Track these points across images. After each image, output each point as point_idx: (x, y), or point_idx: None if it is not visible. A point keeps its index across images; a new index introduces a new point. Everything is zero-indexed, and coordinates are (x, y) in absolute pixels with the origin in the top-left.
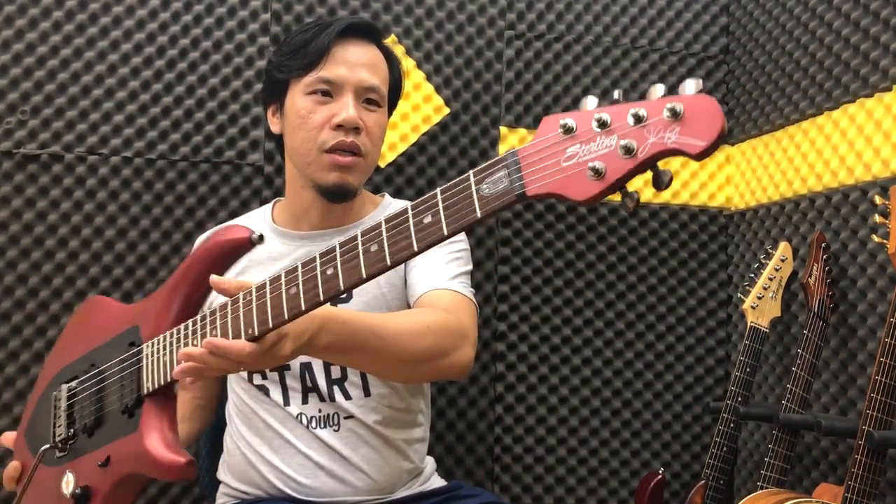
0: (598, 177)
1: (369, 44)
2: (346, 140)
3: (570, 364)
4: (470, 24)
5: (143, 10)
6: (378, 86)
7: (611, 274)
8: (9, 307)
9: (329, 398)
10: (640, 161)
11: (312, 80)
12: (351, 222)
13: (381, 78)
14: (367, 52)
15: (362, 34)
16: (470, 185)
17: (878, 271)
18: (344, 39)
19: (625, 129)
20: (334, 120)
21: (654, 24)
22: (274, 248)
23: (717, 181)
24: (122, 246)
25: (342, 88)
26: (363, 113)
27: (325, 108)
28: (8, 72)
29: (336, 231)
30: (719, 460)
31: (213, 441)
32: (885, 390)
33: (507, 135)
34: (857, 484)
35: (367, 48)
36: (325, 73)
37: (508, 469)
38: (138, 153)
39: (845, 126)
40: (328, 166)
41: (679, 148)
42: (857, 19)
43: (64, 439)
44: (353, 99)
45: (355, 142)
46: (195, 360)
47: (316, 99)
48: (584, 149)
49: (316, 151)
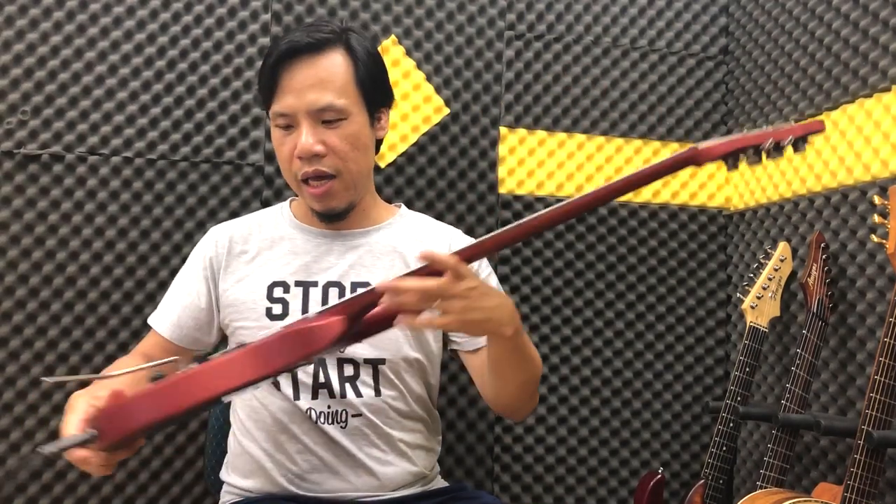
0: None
1: (316, 56)
2: (309, 171)
3: (570, 364)
4: (470, 24)
5: (144, 11)
6: (331, 102)
7: (610, 274)
8: (10, 307)
9: (340, 395)
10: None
11: (272, 114)
12: (369, 225)
13: (335, 89)
14: (313, 70)
15: (309, 49)
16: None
17: (878, 271)
18: (291, 62)
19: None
20: (295, 152)
21: (654, 25)
22: (297, 245)
23: (717, 181)
24: (123, 246)
25: (295, 117)
26: (324, 134)
27: (289, 140)
28: (9, 72)
29: (360, 232)
30: (719, 460)
31: (218, 441)
32: (884, 390)
33: (507, 135)
34: (856, 483)
35: (314, 64)
36: (276, 107)
37: (508, 469)
38: (139, 153)
39: (844, 126)
40: (309, 196)
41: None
42: (856, 20)
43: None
44: (308, 125)
45: (318, 168)
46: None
47: (281, 132)
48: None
49: (295, 182)
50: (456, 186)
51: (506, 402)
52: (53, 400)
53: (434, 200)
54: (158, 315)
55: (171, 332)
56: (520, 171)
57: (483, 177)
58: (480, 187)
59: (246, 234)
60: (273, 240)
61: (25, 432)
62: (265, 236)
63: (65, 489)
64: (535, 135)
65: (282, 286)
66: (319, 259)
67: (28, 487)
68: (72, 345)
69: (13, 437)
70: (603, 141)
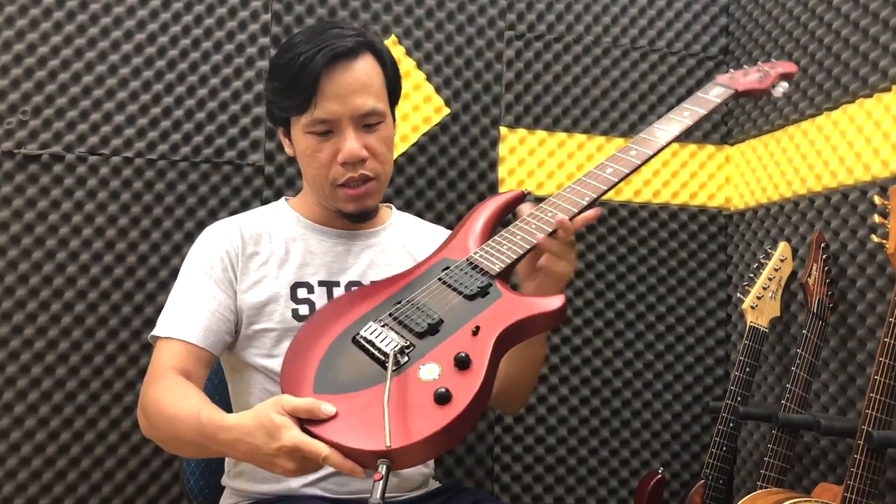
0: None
1: (355, 60)
2: (354, 176)
3: (570, 363)
4: (470, 24)
5: (144, 11)
6: (374, 106)
7: (610, 274)
8: (10, 307)
9: None
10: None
11: (308, 121)
12: (376, 225)
13: (375, 93)
14: (355, 74)
15: (346, 56)
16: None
17: (878, 271)
18: (331, 67)
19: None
20: (339, 157)
21: (654, 25)
22: (312, 246)
23: (717, 181)
24: (123, 246)
25: (339, 123)
26: (366, 139)
27: (328, 145)
28: (9, 72)
29: (371, 232)
30: (719, 460)
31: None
32: (884, 390)
33: (507, 135)
34: (856, 483)
35: (354, 68)
36: (319, 114)
37: (508, 469)
38: (139, 153)
39: (844, 126)
40: (345, 198)
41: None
42: (856, 20)
43: (402, 348)
44: (353, 130)
45: (363, 173)
46: (564, 225)
47: (316, 139)
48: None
49: (330, 187)
50: (456, 186)
51: (519, 392)
52: (53, 400)
53: (434, 200)
54: (179, 323)
55: (204, 339)
56: (520, 171)
57: (483, 177)
58: (480, 187)
59: (255, 234)
60: (286, 241)
61: (25, 432)
62: (277, 237)
63: (65, 489)
64: (535, 135)
65: (305, 287)
66: (338, 259)
67: (28, 487)
68: (72, 345)
69: (13, 438)
70: (603, 141)
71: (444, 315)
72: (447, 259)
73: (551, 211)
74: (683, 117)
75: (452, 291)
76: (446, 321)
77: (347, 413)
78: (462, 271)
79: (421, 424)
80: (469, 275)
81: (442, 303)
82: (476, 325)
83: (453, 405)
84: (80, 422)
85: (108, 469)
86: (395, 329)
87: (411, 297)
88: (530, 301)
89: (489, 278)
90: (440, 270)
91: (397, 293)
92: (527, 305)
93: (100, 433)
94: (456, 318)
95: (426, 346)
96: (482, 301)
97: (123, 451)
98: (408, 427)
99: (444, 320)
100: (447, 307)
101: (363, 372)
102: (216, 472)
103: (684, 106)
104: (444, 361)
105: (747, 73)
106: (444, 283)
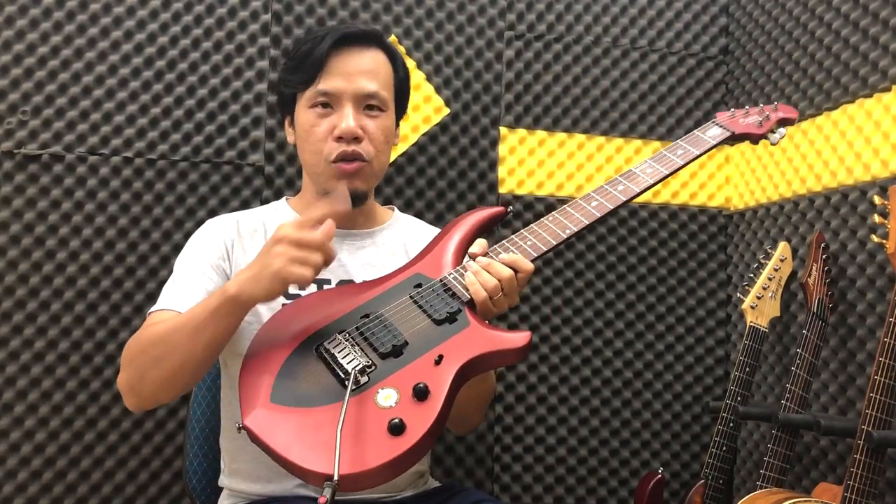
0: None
1: (368, 49)
2: (347, 150)
3: (570, 364)
4: (470, 24)
5: (144, 11)
6: (377, 91)
7: (610, 274)
8: (10, 307)
9: None
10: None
11: (312, 93)
12: (373, 227)
13: (382, 82)
14: (365, 59)
15: (360, 40)
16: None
17: (878, 271)
18: (341, 48)
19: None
20: (335, 132)
21: (654, 25)
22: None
23: (717, 181)
24: (123, 246)
25: (340, 99)
26: (364, 120)
27: (326, 121)
28: (9, 72)
29: (366, 233)
30: (719, 460)
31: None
32: (884, 390)
33: (507, 135)
34: (856, 483)
35: (366, 54)
36: (323, 86)
37: (508, 469)
38: (139, 153)
39: (844, 126)
40: (335, 175)
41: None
42: (856, 20)
43: (363, 368)
44: (353, 108)
45: (357, 150)
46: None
47: (317, 112)
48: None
49: (323, 163)
50: (456, 186)
51: (466, 420)
52: (53, 400)
53: (434, 200)
54: (173, 297)
55: None
56: (520, 171)
57: (483, 177)
58: (480, 187)
59: (251, 229)
60: None
61: (25, 432)
62: (272, 232)
63: (65, 489)
64: (535, 135)
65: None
66: None
67: (28, 487)
68: (72, 345)
69: (13, 438)
70: (603, 141)
71: (409, 337)
72: (420, 275)
73: (530, 240)
74: (676, 156)
75: (422, 313)
76: (411, 344)
77: (301, 428)
78: (434, 293)
79: (372, 453)
80: (440, 297)
81: (409, 324)
82: (440, 354)
83: (406, 437)
84: (80, 422)
85: (108, 469)
86: (360, 345)
87: (380, 312)
88: (497, 335)
89: (460, 304)
90: (412, 287)
91: (367, 303)
92: (493, 339)
93: (100, 433)
94: (420, 343)
95: (388, 369)
96: (449, 328)
97: (123, 451)
98: (358, 454)
99: (409, 343)
100: (413, 329)
101: (322, 386)
102: (218, 473)
103: (679, 144)
104: (403, 389)
105: (748, 113)
106: (415, 302)
